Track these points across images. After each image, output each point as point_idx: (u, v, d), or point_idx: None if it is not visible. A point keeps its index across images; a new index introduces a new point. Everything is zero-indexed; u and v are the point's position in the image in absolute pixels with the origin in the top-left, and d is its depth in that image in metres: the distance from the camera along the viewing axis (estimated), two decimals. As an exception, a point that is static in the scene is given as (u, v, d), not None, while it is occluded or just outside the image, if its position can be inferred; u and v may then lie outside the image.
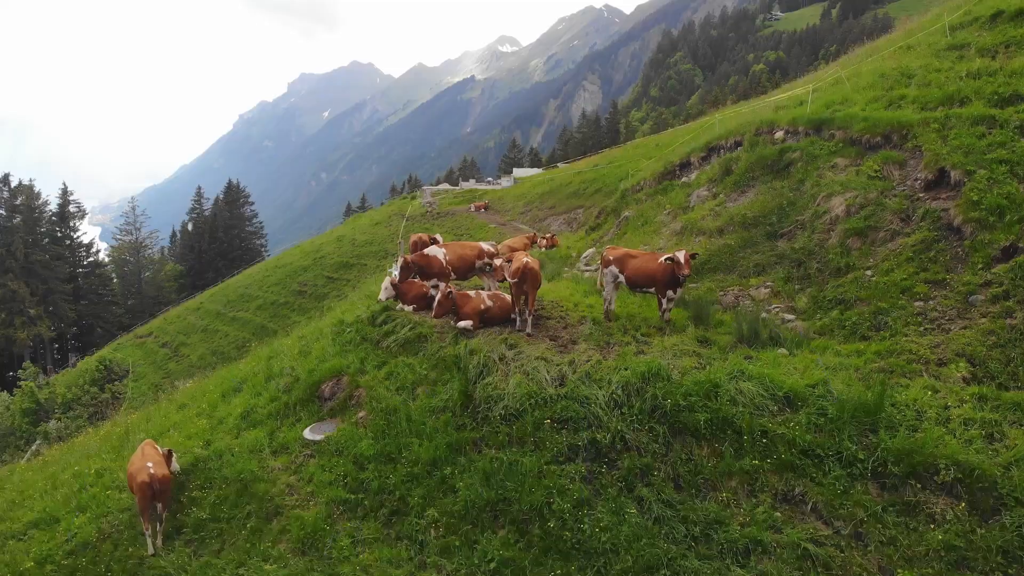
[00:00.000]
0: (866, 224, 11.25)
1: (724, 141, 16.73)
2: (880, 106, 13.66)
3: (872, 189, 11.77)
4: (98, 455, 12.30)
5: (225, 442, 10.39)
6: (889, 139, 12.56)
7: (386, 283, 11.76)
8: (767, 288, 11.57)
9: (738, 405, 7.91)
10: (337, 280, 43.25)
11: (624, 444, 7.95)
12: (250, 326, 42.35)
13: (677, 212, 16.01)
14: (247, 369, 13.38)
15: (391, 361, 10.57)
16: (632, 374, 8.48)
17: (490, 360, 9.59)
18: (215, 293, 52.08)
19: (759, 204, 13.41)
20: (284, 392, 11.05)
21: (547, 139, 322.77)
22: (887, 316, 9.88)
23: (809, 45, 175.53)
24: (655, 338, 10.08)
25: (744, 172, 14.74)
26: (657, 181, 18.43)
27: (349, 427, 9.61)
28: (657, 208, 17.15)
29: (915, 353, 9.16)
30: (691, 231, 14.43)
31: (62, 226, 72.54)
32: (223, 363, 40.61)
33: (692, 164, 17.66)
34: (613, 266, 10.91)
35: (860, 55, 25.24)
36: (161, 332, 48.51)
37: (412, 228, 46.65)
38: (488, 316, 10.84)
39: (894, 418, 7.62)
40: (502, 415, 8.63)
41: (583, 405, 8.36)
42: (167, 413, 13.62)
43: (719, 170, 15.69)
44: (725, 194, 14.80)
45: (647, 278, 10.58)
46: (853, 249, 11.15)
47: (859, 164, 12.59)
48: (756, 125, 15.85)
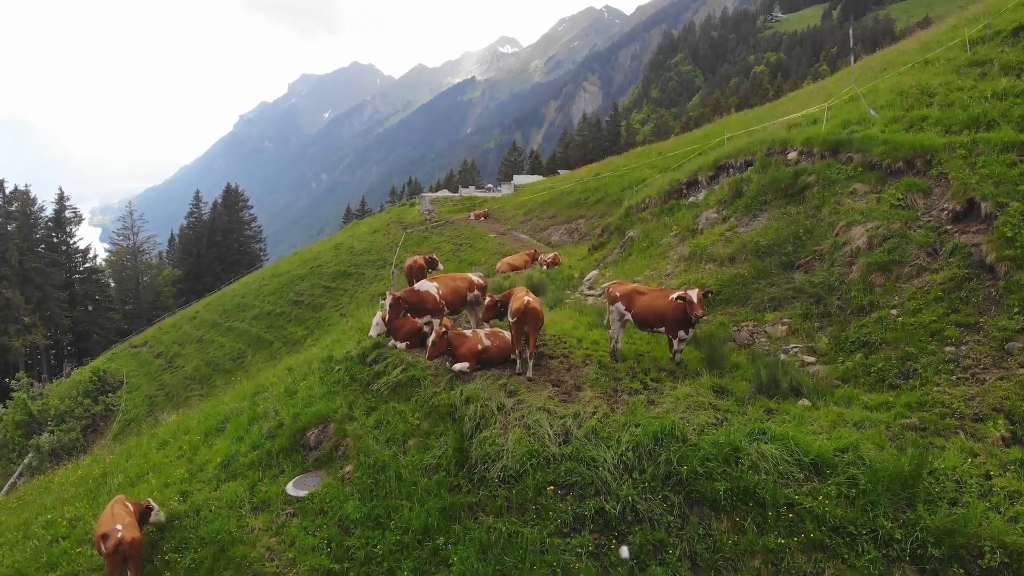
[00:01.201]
0: (890, 258, 10.52)
1: (734, 160, 16.01)
2: (900, 127, 12.94)
3: (895, 219, 11.05)
4: (73, 500, 11.59)
5: (203, 495, 9.68)
6: (912, 164, 11.84)
7: (377, 318, 11.06)
8: (784, 325, 10.85)
9: (761, 472, 7.19)
10: (335, 290, 42.53)
11: (635, 515, 7.23)
12: (246, 337, 41.64)
13: (685, 235, 15.29)
14: (231, 406, 12.66)
15: (381, 407, 9.86)
16: (644, 433, 7.77)
17: (488, 410, 8.87)
18: (211, 302, 51.36)
19: (773, 231, 12.70)
20: (267, 438, 10.34)
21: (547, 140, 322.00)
22: (916, 363, 9.16)
23: (810, 46, 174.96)
24: (666, 383, 9.37)
25: (756, 195, 14.02)
26: (663, 200, 17.71)
27: (335, 483, 8.89)
28: (663, 229, 16.44)
29: (948, 406, 8.45)
30: (700, 257, 13.71)
31: (58, 232, 71.79)
32: (218, 375, 39.91)
33: (700, 183, 16.93)
34: (619, 303, 10.21)
35: (865, 67, 24.55)
36: (156, 342, 47.79)
37: (411, 237, 45.93)
38: (486, 357, 10.13)
39: (932, 490, 6.91)
40: (500, 477, 7.91)
41: (589, 468, 7.64)
42: (147, 451, 12.91)
43: (729, 191, 14.97)
44: (736, 218, 14.08)
45: (656, 317, 9.88)
46: (876, 285, 10.43)
47: (880, 191, 11.87)
48: (768, 144, 15.13)
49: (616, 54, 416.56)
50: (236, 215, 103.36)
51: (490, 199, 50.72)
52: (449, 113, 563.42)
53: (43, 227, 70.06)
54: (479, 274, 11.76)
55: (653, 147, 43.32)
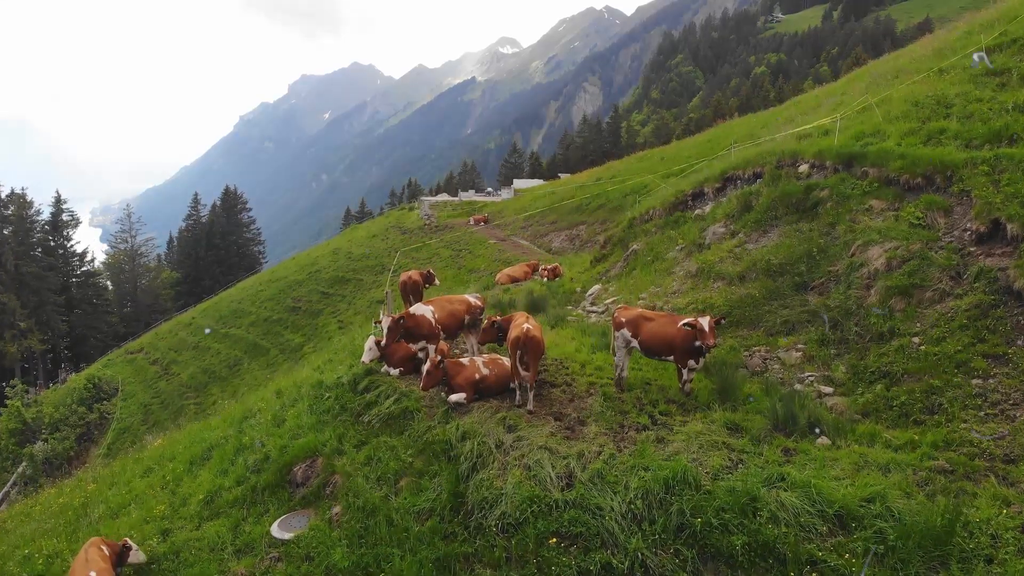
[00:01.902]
0: (910, 281, 9.97)
1: (741, 171, 15.45)
2: (917, 140, 12.39)
3: (915, 239, 10.50)
4: (52, 534, 11.04)
5: (184, 534, 9.13)
6: (931, 181, 11.29)
7: (370, 343, 10.51)
8: (799, 351, 10.30)
9: (780, 525, 6.64)
10: (332, 296, 41.97)
11: (645, 571, 6.68)
12: (242, 344, 41.09)
13: (691, 249, 14.74)
14: (217, 433, 12.12)
15: (372, 441, 9.31)
16: (653, 479, 7.22)
17: (485, 448, 8.32)
18: (208, 308, 50.80)
19: (785, 249, 12.15)
20: (253, 472, 9.79)
21: (547, 141, 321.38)
22: (941, 396, 8.61)
23: (811, 47, 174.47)
24: (676, 418, 8.83)
25: (766, 210, 13.47)
26: (668, 211, 17.16)
27: (322, 525, 8.34)
28: (668, 243, 15.89)
29: (977, 446, 7.90)
30: (708, 275, 13.16)
31: (55, 235, 71.26)
32: (214, 383, 39.36)
33: (706, 195, 16.38)
34: (625, 329, 9.66)
35: (875, 74, 24.00)
36: (152, 348, 47.24)
37: (409, 242, 45.37)
38: (484, 386, 9.59)
39: (966, 546, 6.36)
40: (499, 525, 7.36)
41: (595, 517, 7.09)
42: (131, 479, 12.36)
43: (737, 205, 14.42)
44: (745, 233, 13.53)
45: (664, 345, 9.33)
46: (897, 310, 9.88)
47: (898, 209, 11.32)
48: (777, 156, 14.58)
49: (616, 55, 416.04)
50: (235, 217, 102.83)
51: (490, 203, 50.16)
52: (449, 114, 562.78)
53: (40, 230, 69.50)
54: (476, 295, 11.21)
55: (655, 151, 42.78)
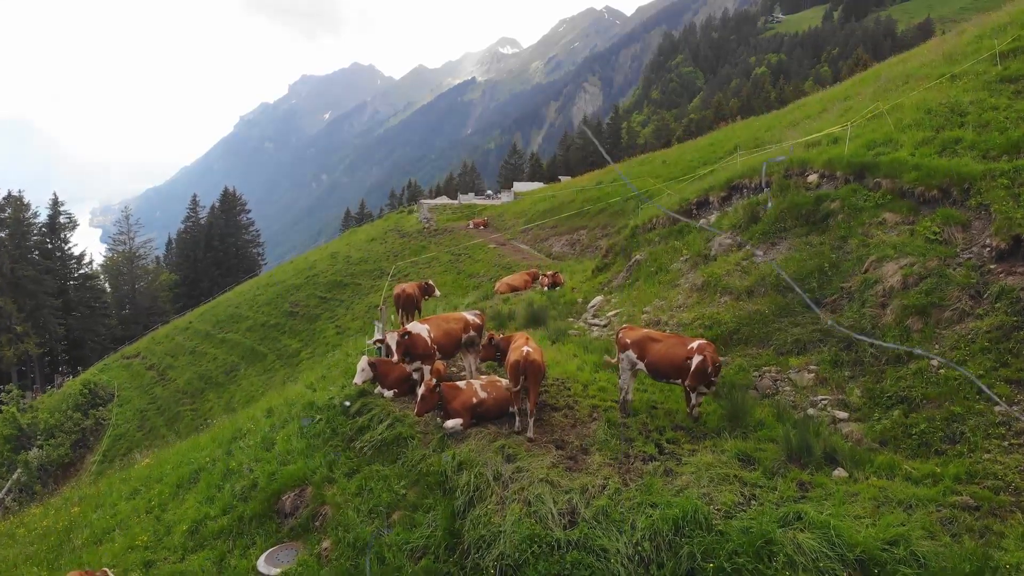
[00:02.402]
0: (928, 300, 9.54)
1: (748, 180, 15.02)
2: (932, 151, 11.95)
3: (932, 255, 10.06)
4: (33, 560, 10.61)
5: (168, 567, 8.70)
6: (947, 193, 10.85)
7: (363, 364, 10.07)
8: (811, 373, 9.86)
9: (798, 570, 6.21)
10: (330, 300, 41.55)
11: (652, 620, 6.26)
12: (239, 349, 40.67)
13: (697, 261, 14.31)
14: (207, 452, 11.69)
15: (364, 469, 8.87)
16: (662, 518, 6.78)
17: (483, 480, 7.89)
18: (204, 312, 50.40)
19: (795, 263, 11.71)
20: (240, 500, 9.36)
21: (547, 141, 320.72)
22: (962, 424, 8.17)
23: (811, 48, 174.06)
24: (685, 446, 8.39)
25: (774, 221, 13.03)
26: (672, 220, 16.72)
27: (311, 561, 7.91)
28: (673, 253, 15.45)
29: (1002, 479, 7.46)
30: (714, 288, 12.73)
31: (53, 238, 70.86)
32: (210, 389, 38.93)
33: (711, 203, 15.94)
34: (631, 351, 9.23)
35: (882, 78, 23.56)
36: (148, 353, 46.82)
37: (408, 245, 44.97)
38: (482, 411, 9.16)
39: (998, 595, 5.94)
40: (497, 567, 6.93)
41: (600, 560, 6.65)
42: (116, 501, 11.94)
43: (744, 216, 13.98)
44: (752, 245, 13.09)
45: (672, 368, 8.90)
46: (914, 331, 9.45)
47: (913, 222, 10.88)
48: (786, 165, 14.15)
49: (616, 55, 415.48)
50: (234, 219, 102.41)
51: (490, 207, 49.73)
52: (449, 114, 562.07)
53: (37, 233, 69.08)
54: (475, 311, 10.77)
55: (657, 155, 42.35)
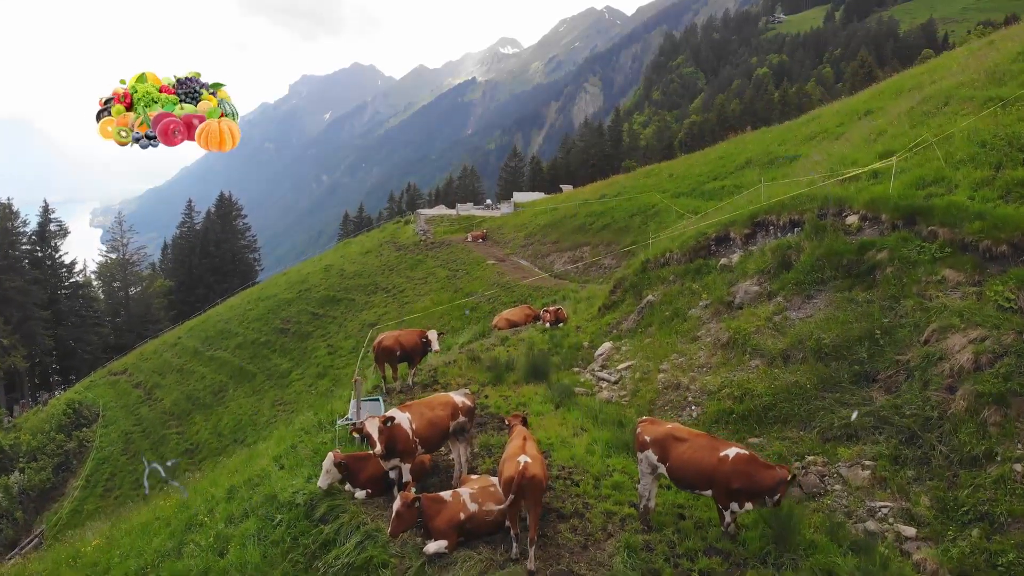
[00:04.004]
0: (1007, 387, 7.97)
1: (775, 217, 13.43)
2: (994, 194, 10.40)
3: (1007, 328, 8.50)
4: None
5: None
6: (1020, 250, 9.28)
7: (328, 464, 8.46)
8: (866, 470, 8.29)
9: None
10: (322, 317, 40.02)
11: None
12: (228, 368, 39.13)
13: (719, 309, 12.73)
14: (158, 541, 10.12)
15: (331, 602, 7.31)
16: None
17: (475, 632, 6.33)
18: (194, 327, 48.85)
19: (838, 324, 10.14)
20: (185, 630, 7.81)
21: (548, 141, 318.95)
22: (1067, 556, 6.62)
23: (813, 48, 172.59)
24: (720, 580, 6.82)
25: (809, 270, 11.46)
26: (688, 256, 15.13)
27: None
28: (690, 296, 13.88)
29: None
30: (742, 347, 11.16)
31: (42, 246, 69.22)
32: (197, 410, 37.35)
33: (733, 241, 14.36)
34: (650, 451, 7.66)
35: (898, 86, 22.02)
36: (136, 370, 45.27)
37: (404, 259, 43.43)
38: (472, 526, 7.58)
39: None
40: None
41: None
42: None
43: (773, 260, 12.41)
44: (785, 297, 11.52)
45: (701, 478, 7.31)
46: (991, 425, 7.88)
47: (980, 283, 9.32)
48: (819, 202, 12.57)
49: (617, 55, 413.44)
50: (230, 224, 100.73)
51: (489, 219, 48.18)
52: (450, 114, 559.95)
53: (27, 242, 67.49)
54: (465, 392, 9.18)
55: (663, 167, 40.73)
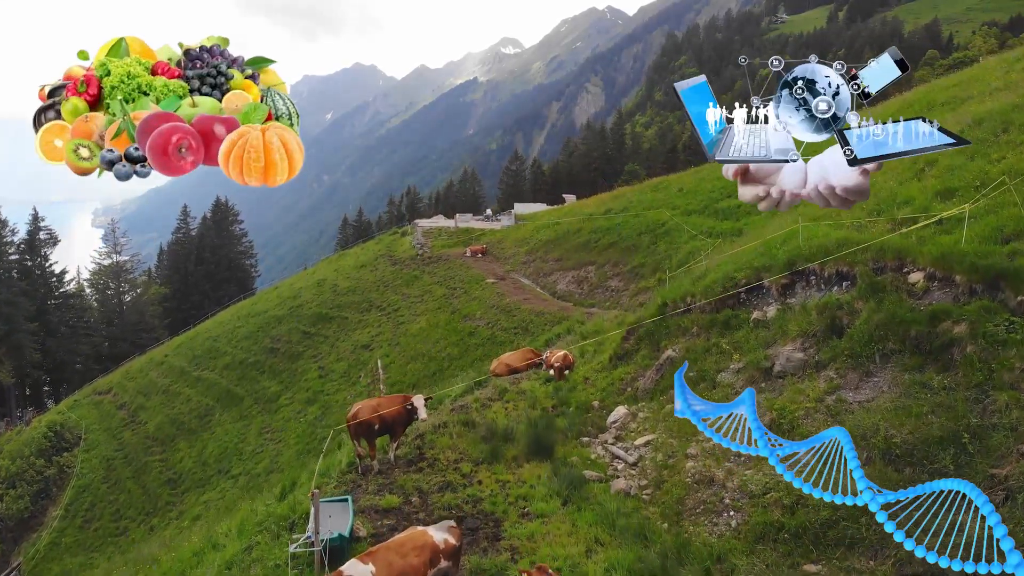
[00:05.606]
0: None
1: (818, 267, 11.54)
2: (1100, 254, 8.52)
3: None
4: None
5: None
6: None
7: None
8: (969, 633, 6.40)
9: None
10: (314, 336, 38.22)
11: None
12: (215, 390, 37.35)
13: (754, 375, 10.87)
14: None
15: None
16: None
17: None
18: (182, 344, 47.05)
19: (911, 418, 8.27)
20: None
21: (549, 142, 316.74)
22: None
23: (816, 49, 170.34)
24: None
25: (867, 340, 9.57)
26: (714, 306, 13.24)
27: None
28: (718, 356, 12.01)
29: None
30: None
31: (32, 256, 67.50)
32: (181, 436, 35.50)
33: (767, 291, 12.46)
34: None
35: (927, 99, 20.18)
36: (121, 390, 43.48)
37: (399, 275, 41.62)
38: None
39: None
40: None
41: None
42: None
43: (819, 322, 10.53)
44: (837, 372, 9.65)
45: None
46: None
47: (1099, 377, 7.45)
48: (872, 252, 10.68)
49: (619, 55, 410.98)
50: (226, 230, 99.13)
51: (488, 232, 46.35)
52: (451, 114, 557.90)
53: (15, 251, 65.77)
54: (447, 525, 7.33)
55: (672, 179, 38.78)
